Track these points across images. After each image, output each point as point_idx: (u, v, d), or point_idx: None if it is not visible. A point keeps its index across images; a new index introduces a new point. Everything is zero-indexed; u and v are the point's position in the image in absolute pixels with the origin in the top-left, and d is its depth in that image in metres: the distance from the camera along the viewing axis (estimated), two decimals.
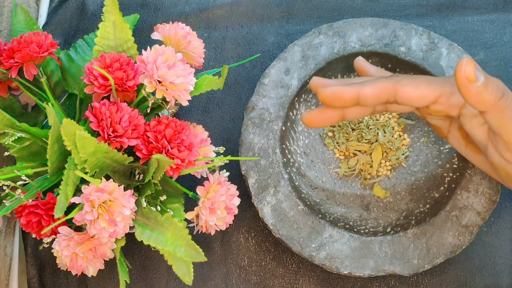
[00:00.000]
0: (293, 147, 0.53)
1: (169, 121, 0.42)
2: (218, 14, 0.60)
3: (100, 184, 0.38)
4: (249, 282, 0.52)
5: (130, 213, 0.39)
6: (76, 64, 0.47)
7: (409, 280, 0.51)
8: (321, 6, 0.59)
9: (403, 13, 0.59)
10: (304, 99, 0.53)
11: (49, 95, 0.44)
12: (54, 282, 0.54)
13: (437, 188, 0.50)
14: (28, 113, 0.49)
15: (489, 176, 0.47)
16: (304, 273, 0.52)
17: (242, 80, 0.58)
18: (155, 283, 0.53)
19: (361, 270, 0.46)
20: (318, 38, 0.52)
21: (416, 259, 0.46)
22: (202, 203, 0.42)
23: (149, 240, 0.39)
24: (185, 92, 0.42)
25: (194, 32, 0.46)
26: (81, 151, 0.37)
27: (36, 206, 0.41)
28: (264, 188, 0.48)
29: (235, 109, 0.57)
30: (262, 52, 0.58)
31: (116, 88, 0.41)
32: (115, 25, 0.42)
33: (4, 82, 0.45)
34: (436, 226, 0.47)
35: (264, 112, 0.50)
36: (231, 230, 0.54)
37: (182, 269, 0.41)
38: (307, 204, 0.49)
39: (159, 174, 0.40)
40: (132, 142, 0.40)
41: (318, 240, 0.47)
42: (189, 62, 0.45)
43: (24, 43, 0.42)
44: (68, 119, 0.36)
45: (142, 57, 0.41)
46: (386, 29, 0.51)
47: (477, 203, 0.47)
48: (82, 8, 0.61)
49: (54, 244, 0.41)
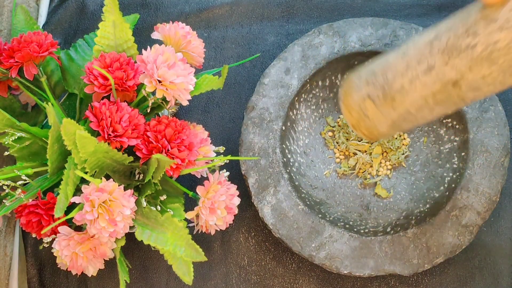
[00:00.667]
0: (293, 147, 0.53)
1: (169, 121, 0.42)
2: (218, 13, 0.60)
3: (100, 184, 0.38)
4: (249, 281, 0.52)
5: (130, 212, 0.39)
6: (76, 64, 0.47)
7: (409, 279, 0.51)
8: (321, 5, 0.59)
9: (403, 13, 0.59)
10: (304, 98, 0.53)
11: (49, 95, 0.44)
12: (54, 281, 0.54)
13: (437, 188, 0.50)
14: (28, 113, 0.49)
15: (489, 175, 0.47)
16: (304, 273, 0.52)
17: (242, 80, 0.58)
18: (155, 283, 0.53)
19: (361, 270, 0.46)
20: (318, 38, 0.52)
21: (416, 258, 0.46)
22: (202, 203, 0.42)
23: (149, 240, 0.39)
24: (185, 92, 0.42)
25: (194, 32, 0.46)
26: (81, 150, 0.37)
27: (36, 206, 0.41)
28: (264, 188, 0.48)
29: (235, 109, 0.57)
30: (262, 52, 0.58)
31: (116, 87, 0.41)
32: (115, 24, 0.42)
33: (4, 81, 0.45)
34: (436, 226, 0.47)
35: (264, 112, 0.50)
36: (231, 230, 0.54)
37: (182, 268, 0.41)
38: (307, 204, 0.49)
39: (159, 174, 0.40)
40: (132, 141, 0.40)
41: (318, 239, 0.47)
42: (189, 62, 0.45)
43: (24, 43, 0.42)
44: (68, 119, 0.36)
45: (142, 57, 0.41)
46: (386, 29, 0.51)
47: (477, 203, 0.47)
48: (82, 7, 0.61)
49: (54, 243, 0.41)
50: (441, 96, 0.38)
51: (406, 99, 0.39)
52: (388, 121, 0.41)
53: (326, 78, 0.53)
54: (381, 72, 0.41)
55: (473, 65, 0.35)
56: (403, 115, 0.40)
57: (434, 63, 0.37)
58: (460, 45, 0.36)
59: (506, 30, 0.33)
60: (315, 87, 0.53)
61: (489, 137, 0.48)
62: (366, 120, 0.42)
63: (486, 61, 0.35)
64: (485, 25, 0.34)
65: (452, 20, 0.37)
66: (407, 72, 0.39)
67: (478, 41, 0.35)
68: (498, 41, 0.34)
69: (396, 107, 0.40)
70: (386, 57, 0.41)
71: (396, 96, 0.39)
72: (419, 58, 0.38)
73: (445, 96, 0.38)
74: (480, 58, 0.35)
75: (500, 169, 0.47)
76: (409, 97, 0.39)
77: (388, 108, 0.40)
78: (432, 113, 0.42)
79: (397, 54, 0.40)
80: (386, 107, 0.40)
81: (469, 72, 0.36)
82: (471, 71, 0.36)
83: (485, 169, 0.47)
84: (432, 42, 0.37)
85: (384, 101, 0.40)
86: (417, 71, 0.38)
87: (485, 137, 0.48)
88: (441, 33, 0.37)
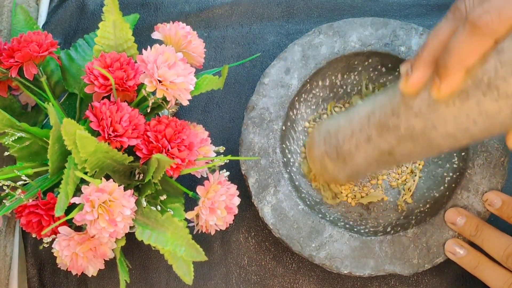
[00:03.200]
0: (293, 147, 0.53)
1: (169, 120, 0.42)
2: (218, 13, 0.60)
3: (100, 184, 0.38)
4: (249, 281, 0.52)
5: (130, 213, 0.39)
6: (76, 64, 0.47)
7: (409, 279, 0.51)
8: (321, 5, 0.59)
9: (403, 12, 0.59)
10: (304, 98, 0.53)
11: (49, 95, 0.44)
12: (54, 281, 0.54)
13: (437, 188, 0.50)
14: (28, 113, 0.49)
15: (489, 175, 0.47)
16: (304, 273, 0.52)
17: (242, 79, 0.58)
18: (155, 283, 0.53)
19: (361, 270, 0.46)
20: (318, 38, 0.52)
21: (416, 258, 0.46)
22: (202, 203, 0.42)
23: (149, 240, 0.39)
24: (186, 92, 0.42)
25: (194, 32, 0.46)
26: (81, 150, 0.37)
27: (36, 206, 0.41)
28: (264, 187, 0.48)
29: (235, 109, 0.57)
30: (262, 52, 0.58)
31: (117, 87, 0.41)
32: (115, 24, 0.42)
33: (4, 81, 0.45)
34: (436, 225, 0.47)
35: (264, 112, 0.50)
36: (231, 230, 0.54)
37: (182, 268, 0.41)
38: (307, 203, 0.49)
39: (159, 174, 0.40)
40: (132, 141, 0.40)
41: (318, 239, 0.47)
42: (190, 62, 0.45)
43: (24, 43, 0.42)
44: (68, 119, 0.36)
45: (142, 57, 0.41)
46: (386, 28, 0.51)
47: (477, 202, 0.47)
48: (82, 7, 0.61)
49: (54, 244, 0.41)
50: (381, 160, 0.43)
51: (354, 160, 0.44)
52: (344, 174, 0.47)
53: (326, 78, 0.53)
54: (334, 134, 0.46)
55: (401, 141, 0.40)
56: (355, 171, 0.46)
57: (371, 135, 0.42)
58: (388, 123, 0.40)
59: (420, 117, 0.37)
60: (315, 87, 0.53)
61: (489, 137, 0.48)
62: (327, 172, 0.48)
63: (410, 140, 0.39)
64: (405, 110, 0.38)
65: (383, 97, 0.41)
66: (352, 138, 0.43)
67: (400, 122, 0.39)
68: (415, 125, 0.38)
69: (348, 165, 0.45)
70: (338, 120, 0.46)
71: (346, 157, 0.45)
72: (361, 128, 0.43)
73: (384, 161, 0.43)
74: (404, 136, 0.39)
75: (500, 169, 0.47)
76: (356, 159, 0.44)
77: (342, 164, 0.46)
78: (377, 170, 0.50)
79: (346, 119, 0.45)
80: (340, 164, 0.46)
81: (398, 145, 0.40)
82: (399, 145, 0.40)
83: (485, 169, 0.47)
84: (369, 115, 0.42)
85: (338, 159, 0.46)
86: (360, 139, 0.43)
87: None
88: (375, 108, 0.41)
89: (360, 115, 0.43)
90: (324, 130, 0.47)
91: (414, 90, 0.37)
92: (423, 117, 0.37)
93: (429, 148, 0.39)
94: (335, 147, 0.45)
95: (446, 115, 0.36)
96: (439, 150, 0.39)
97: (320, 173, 0.50)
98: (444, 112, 0.36)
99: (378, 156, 0.42)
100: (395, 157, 0.41)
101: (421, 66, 0.36)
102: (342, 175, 0.47)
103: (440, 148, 0.39)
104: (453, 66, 0.34)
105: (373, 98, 0.43)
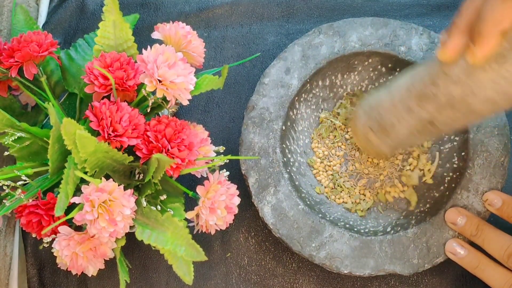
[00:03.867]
0: (293, 147, 0.53)
1: (169, 120, 0.42)
2: (218, 13, 0.60)
3: (100, 184, 0.38)
4: (249, 281, 0.52)
5: (130, 212, 0.39)
6: (76, 64, 0.47)
7: (409, 279, 0.51)
8: (321, 5, 0.59)
9: (403, 12, 0.59)
10: (304, 98, 0.53)
11: (49, 95, 0.44)
12: (54, 281, 0.54)
13: (437, 187, 0.50)
14: (28, 113, 0.49)
15: (489, 175, 0.47)
16: (304, 273, 0.52)
17: (242, 79, 0.58)
18: (155, 283, 0.53)
19: (361, 270, 0.46)
20: (318, 38, 0.52)
21: (416, 258, 0.46)
22: (202, 203, 0.42)
23: (149, 240, 0.39)
24: (186, 92, 0.42)
25: (194, 32, 0.46)
26: (81, 150, 0.37)
27: (36, 206, 0.41)
28: (264, 187, 0.48)
29: (235, 109, 0.57)
30: (262, 52, 0.58)
31: (117, 87, 0.41)
32: (115, 24, 0.42)
33: (4, 81, 0.45)
34: (436, 225, 0.47)
35: (264, 112, 0.50)
36: (231, 230, 0.54)
37: (182, 268, 0.41)
38: (307, 203, 0.49)
39: (159, 174, 0.40)
40: (132, 141, 0.40)
41: (318, 239, 0.47)
42: (190, 62, 0.45)
43: (24, 43, 0.42)
44: (68, 119, 0.36)
45: (142, 57, 0.41)
46: (386, 28, 0.51)
47: (477, 202, 0.47)
48: (82, 7, 0.61)
49: (54, 243, 0.41)
50: (423, 130, 0.43)
51: (397, 132, 0.45)
52: (387, 145, 0.48)
53: (326, 78, 0.53)
54: (375, 107, 0.47)
55: (440, 109, 0.40)
56: (397, 142, 0.47)
57: (412, 105, 0.42)
58: (428, 93, 0.40)
59: (458, 84, 0.38)
60: (315, 87, 0.53)
61: (489, 137, 0.48)
62: (371, 145, 0.49)
63: (449, 107, 0.40)
64: (444, 78, 0.39)
65: (422, 68, 0.42)
66: (393, 110, 0.44)
67: (439, 91, 0.39)
68: (454, 93, 0.38)
69: (391, 137, 0.46)
70: (378, 94, 0.47)
71: (389, 129, 0.45)
72: (401, 99, 0.43)
73: (426, 131, 0.43)
74: (444, 105, 0.40)
75: (500, 169, 0.47)
76: (398, 131, 0.45)
77: (384, 137, 0.46)
78: (420, 140, 0.51)
79: (386, 92, 0.45)
80: (382, 136, 0.47)
81: (439, 114, 0.41)
82: (440, 114, 0.41)
83: (485, 169, 0.47)
84: (408, 87, 0.42)
85: (380, 131, 0.46)
86: (401, 110, 0.43)
87: (485, 137, 0.48)
88: (414, 80, 0.42)
89: (399, 87, 0.44)
90: (366, 105, 0.48)
91: (451, 57, 0.38)
92: (461, 84, 0.37)
93: (470, 114, 0.39)
94: (377, 120, 0.46)
95: (484, 80, 0.36)
96: (479, 116, 0.40)
97: (364, 146, 0.51)
98: (482, 77, 0.36)
99: (419, 126, 0.43)
100: (436, 126, 0.42)
101: (457, 33, 0.37)
102: (385, 147, 0.48)
103: (480, 114, 0.39)
104: (488, 31, 0.34)
105: (411, 70, 0.44)
